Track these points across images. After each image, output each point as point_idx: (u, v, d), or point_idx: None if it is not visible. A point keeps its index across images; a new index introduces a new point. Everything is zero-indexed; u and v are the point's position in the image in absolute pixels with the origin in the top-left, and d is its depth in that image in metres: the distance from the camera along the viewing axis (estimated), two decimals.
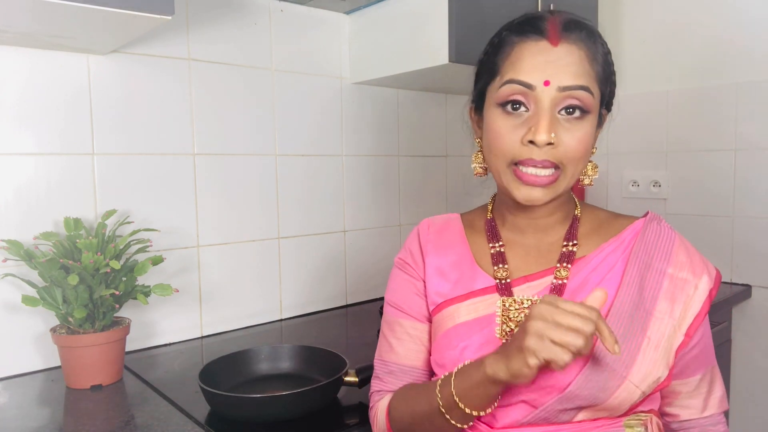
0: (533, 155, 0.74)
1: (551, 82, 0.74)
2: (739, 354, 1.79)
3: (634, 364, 0.73)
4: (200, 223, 1.44)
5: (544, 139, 0.73)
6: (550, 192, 0.77)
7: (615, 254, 0.82)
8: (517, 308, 0.80)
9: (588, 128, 0.76)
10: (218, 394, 0.94)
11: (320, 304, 1.70)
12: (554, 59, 0.74)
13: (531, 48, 0.76)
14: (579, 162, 0.77)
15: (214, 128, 1.46)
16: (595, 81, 0.77)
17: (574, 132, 0.75)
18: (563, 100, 0.75)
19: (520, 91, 0.75)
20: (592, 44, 0.77)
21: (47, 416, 1.01)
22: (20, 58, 1.18)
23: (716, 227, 1.79)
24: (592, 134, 0.77)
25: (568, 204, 0.87)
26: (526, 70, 0.75)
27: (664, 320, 0.76)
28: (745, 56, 1.74)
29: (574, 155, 0.75)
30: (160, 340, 1.39)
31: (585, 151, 0.77)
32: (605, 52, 0.80)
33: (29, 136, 1.20)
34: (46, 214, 1.22)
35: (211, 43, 1.44)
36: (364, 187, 1.79)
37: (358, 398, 1.04)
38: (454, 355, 0.80)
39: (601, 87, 0.79)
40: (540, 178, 0.75)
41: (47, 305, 1.09)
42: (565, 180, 0.77)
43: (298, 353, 1.15)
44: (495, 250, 0.86)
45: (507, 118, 0.77)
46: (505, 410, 0.77)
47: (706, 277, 0.79)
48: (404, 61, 1.54)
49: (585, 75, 0.75)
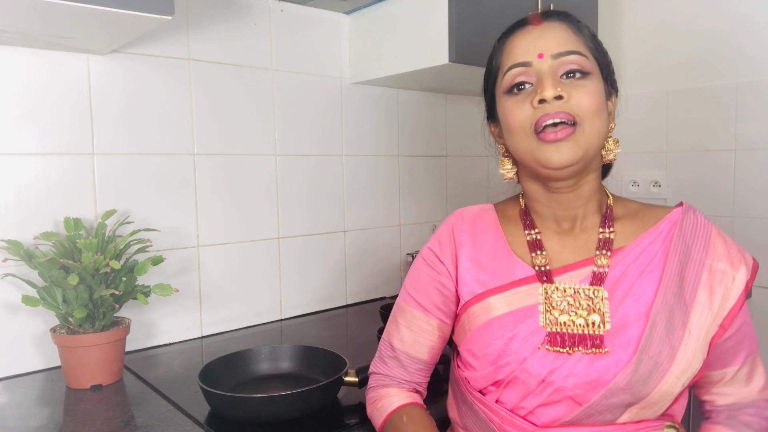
0: (546, 110, 0.77)
1: (544, 53, 0.79)
2: None
3: (675, 357, 0.75)
4: (200, 223, 1.44)
5: (551, 94, 0.76)
6: (574, 147, 0.76)
7: (654, 245, 0.82)
8: (560, 295, 0.80)
9: (594, 86, 0.79)
10: (218, 394, 0.94)
11: (320, 304, 1.70)
12: (540, 35, 0.80)
13: (519, 35, 0.82)
14: (594, 117, 0.78)
15: (214, 128, 1.46)
16: (586, 48, 0.81)
17: (581, 89, 0.78)
18: (560, 66, 0.79)
19: (520, 71, 0.80)
20: (573, 22, 0.83)
21: (47, 416, 1.01)
22: (20, 58, 1.18)
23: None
24: (600, 93, 0.79)
25: (600, 193, 0.87)
26: (520, 52, 0.81)
27: (703, 313, 0.78)
28: (745, 56, 1.74)
29: (588, 108, 0.77)
30: (160, 340, 1.39)
31: (597, 105, 0.78)
32: (590, 32, 0.84)
33: (29, 136, 1.20)
34: (46, 214, 1.22)
35: (211, 43, 1.44)
36: (364, 187, 1.79)
37: (358, 398, 1.04)
38: (500, 345, 0.79)
39: (595, 55, 0.82)
40: (559, 132, 0.77)
41: (47, 305, 1.09)
42: (584, 135, 0.77)
43: (297, 353, 1.15)
44: (531, 238, 0.86)
45: (516, 98, 0.81)
46: (548, 408, 0.77)
47: (744, 269, 0.81)
48: (404, 61, 1.54)
49: (573, 42, 0.80)
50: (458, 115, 2.05)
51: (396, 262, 1.88)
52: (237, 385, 1.08)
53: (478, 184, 2.15)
